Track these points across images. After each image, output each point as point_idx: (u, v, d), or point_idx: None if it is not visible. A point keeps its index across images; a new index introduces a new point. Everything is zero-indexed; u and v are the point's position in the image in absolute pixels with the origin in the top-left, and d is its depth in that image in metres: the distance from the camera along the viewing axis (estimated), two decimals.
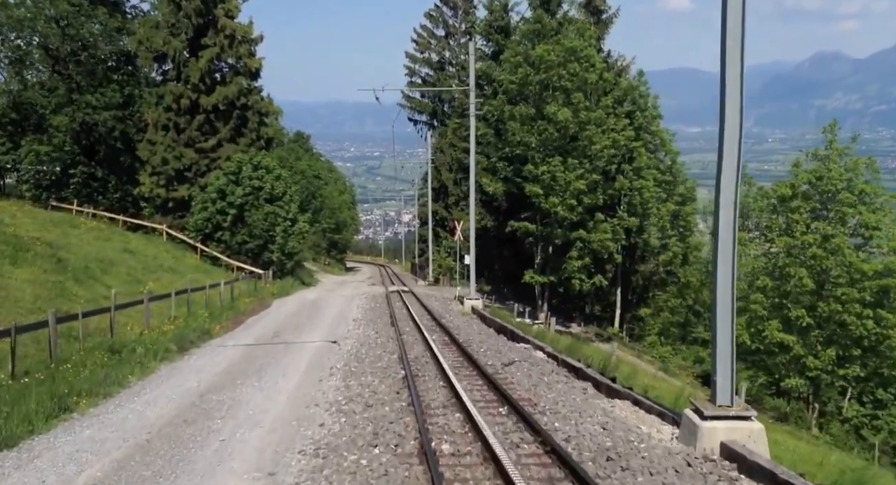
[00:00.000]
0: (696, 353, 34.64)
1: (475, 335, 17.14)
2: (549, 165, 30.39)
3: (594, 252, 31.75)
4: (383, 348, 14.89)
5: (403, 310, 23.70)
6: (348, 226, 76.43)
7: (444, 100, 47.29)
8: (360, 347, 15.30)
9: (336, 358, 14.01)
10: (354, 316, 21.81)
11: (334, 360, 13.79)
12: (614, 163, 32.76)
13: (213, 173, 37.98)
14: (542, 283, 32.47)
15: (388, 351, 14.39)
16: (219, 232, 37.54)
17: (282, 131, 70.76)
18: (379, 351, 14.48)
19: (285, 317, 22.30)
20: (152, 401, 10.98)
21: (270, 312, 24.42)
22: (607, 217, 32.52)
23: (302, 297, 30.54)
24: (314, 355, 14.65)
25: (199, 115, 38.83)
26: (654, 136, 37.82)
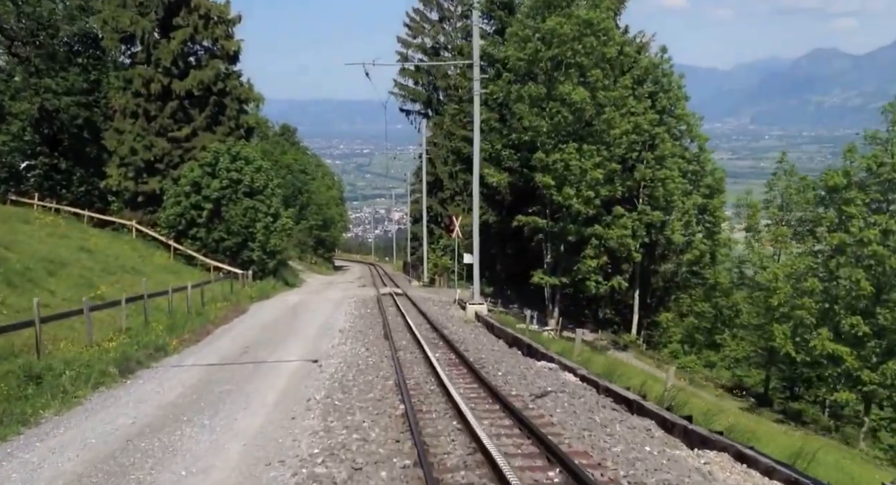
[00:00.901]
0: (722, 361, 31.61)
1: (486, 351, 14.17)
2: (563, 153, 27.23)
3: (610, 250, 28.65)
4: (376, 371, 11.88)
5: (398, 317, 20.69)
6: (336, 223, 73.19)
7: (439, 88, 44.19)
8: (347, 369, 12.28)
9: (316, 386, 10.99)
10: (341, 326, 18.78)
11: (313, 388, 10.77)
12: (635, 150, 29.76)
13: (188, 165, 34.89)
14: (553, 285, 29.35)
15: (381, 376, 11.38)
16: (193, 229, 34.48)
17: (266, 124, 67.56)
18: (370, 376, 11.47)
19: (261, 326, 19.22)
20: (59, 448, 7.96)
21: (245, 319, 21.33)
22: (627, 211, 29.44)
23: (283, 300, 27.45)
24: (288, 381, 11.62)
25: (171, 102, 35.60)
26: (678, 120, 34.43)
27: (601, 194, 27.49)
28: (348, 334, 16.90)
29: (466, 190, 41.97)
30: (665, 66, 34.12)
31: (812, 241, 27.41)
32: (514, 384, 10.36)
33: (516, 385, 10.23)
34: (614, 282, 29.36)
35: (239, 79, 37.68)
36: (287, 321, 20.38)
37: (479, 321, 21.00)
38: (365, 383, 10.81)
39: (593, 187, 27.16)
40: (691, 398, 8.88)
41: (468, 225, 36.95)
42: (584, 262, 28.27)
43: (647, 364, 26.38)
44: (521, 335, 16.14)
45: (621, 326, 33.93)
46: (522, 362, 12.83)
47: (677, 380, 26.51)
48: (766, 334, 27.13)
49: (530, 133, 28.31)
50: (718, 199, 34.90)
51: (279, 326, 19.11)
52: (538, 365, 12.80)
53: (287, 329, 18.54)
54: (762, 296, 27.66)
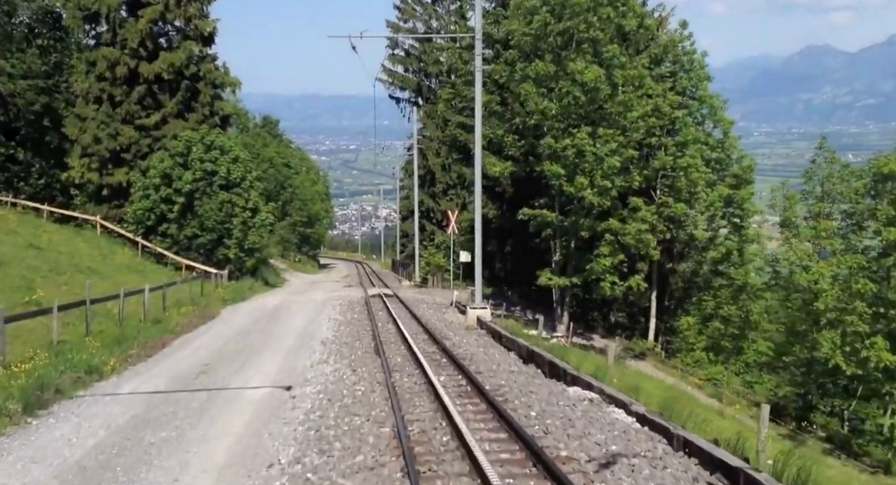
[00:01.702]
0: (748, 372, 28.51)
1: (504, 374, 11.43)
2: (575, 138, 24.42)
3: (624, 247, 25.81)
4: (366, 409, 9.10)
5: (389, 324, 17.91)
6: (322, 219, 70.05)
7: (430, 74, 41.31)
8: (329, 403, 9.49)
9: (285, 434, 8.18)
10: (324, 335, 15.95)
11: (280, 440, 7.96)
12: (655, 135, 27.02)
13: (157, 155, 31.94)
14: (562, 286, 26.40)
15: (374, 418, 8.59)
16: (164, 224, 31.59)
17: (246, 115, 64.40)
18: (359, 417, 8.69)
19: (230, 336, 16.35)
20: None
21: (214, 326, 18.45)
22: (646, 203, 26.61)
23: (261, 303, 24.56)
24: (249, 425, 8.81)
25: (138, 86, 32.53)
26: (701, 102, 31.44)
27: (616, 185, 24.65)
28: (331, 348, 14.08)
29: (461, 183, 39.24)
30: (686, 44, 31.21)
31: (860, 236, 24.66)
32: (558, 435, 7.56)
33: (561, 437, 7.45)
34: (632, 282, 26.52)
35: (214, 62, 34.65)
36: (262, 329, 17.53)
37: (482, 328, 18.28)
38: (352, 431, 8.00)
39: (609, 176, 24.35)
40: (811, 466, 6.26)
41: (465, 220, 34.25)
42: (597, 260, 25.35)
43: (671, 375, 23.75)
44: (536, 347, 13.43)
45: (635, 332, 31.14)
46: (552, 391, 10.09)
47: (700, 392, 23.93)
48: (809, 343, 24.44)
49: (536, 117, 25.38)
50: (746, 190, 31.45)
51: (251, 336, 16.26)
52: (572, 393, 10.08)
53: (260, 340, 15.70)
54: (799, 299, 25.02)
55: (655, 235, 26.71)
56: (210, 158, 31.75)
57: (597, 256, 25.19)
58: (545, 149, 25.21)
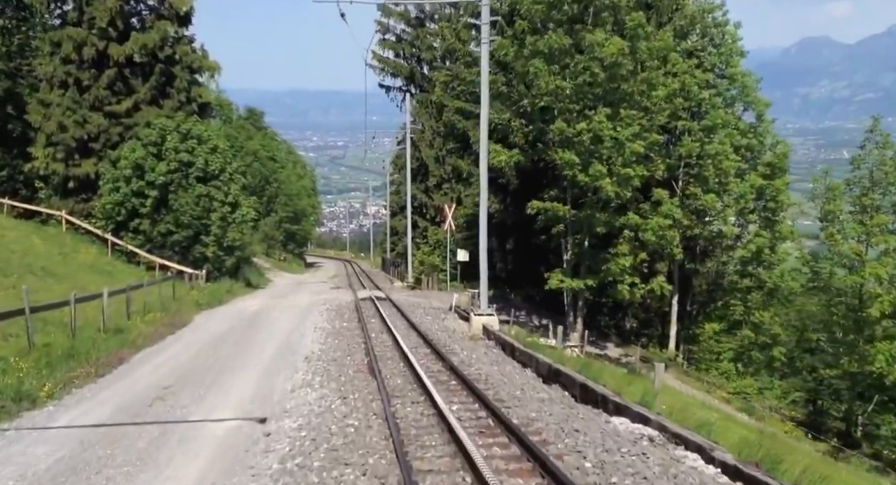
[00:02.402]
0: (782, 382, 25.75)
1: (530, 400, 9.30)
2: (591, 121, 22.01)
3: (644, 245, 23.42)
4: (362, 454, 6.94)
5: (384, 334, 15.75)
6: (309, 216, 67.58)
7: (423, 60, 39.04)
8: (312, 444, 7.32)
9: None
10: (308, 349, 13.74)
11: None
12: (682, 118, 24.72)
13: (128, 144, 29.54)
14: (575, 289, 23.78)
15: (371, 470, 6.44)
16: (135, 220, 29.31)
17: (230, 107, 61.81)
18: (352, 468, 6.52)
19: (199, 349, 14.11)
20: None
21: (184, 336, 16.18)
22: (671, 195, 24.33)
23: (239, 309, 22.28)
24: (201, 479, 6.63)
25: (108, 70, 30.06)
26: (731, 81, 28.57)
27: (638, 173, 22.31)
28: (317, 365, 11.89)
29: (456, 176, 37.05)
30: (717, 14, 28.04)
31: None
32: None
33: None
34: (655, 284, 24.22)
35: (191, 44, 32.23)
36: (237, 340, 15.29)
37: (489, 339, 16.18)
38: None
39: (630, 164, 21.91)
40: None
41: (463, 216, 32.03)
42: (614, 260, 22.83)
43: (696, 389, 21.62)
44: (562, 366, 11.34)
45: (652, 339, 28.85)
46: (600, 427, 7.98)
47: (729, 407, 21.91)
48: (859, 355, 22.33)
49: (546, 98, 22.79)
50: (781, 180, 28.35)
51: (224, 349, 14.03)
52: (622, 429, 7.99)
53: (235, 354, 13.47)
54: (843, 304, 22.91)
55: (679, 232, 24.45)
56: (186, 147, 29.50)
57: (614, 256, 22.81)
58: (556, 134, 22.73)
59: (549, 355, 13.33)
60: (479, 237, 17.14)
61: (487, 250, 24.97)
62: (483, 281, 17.27)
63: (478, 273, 31.15)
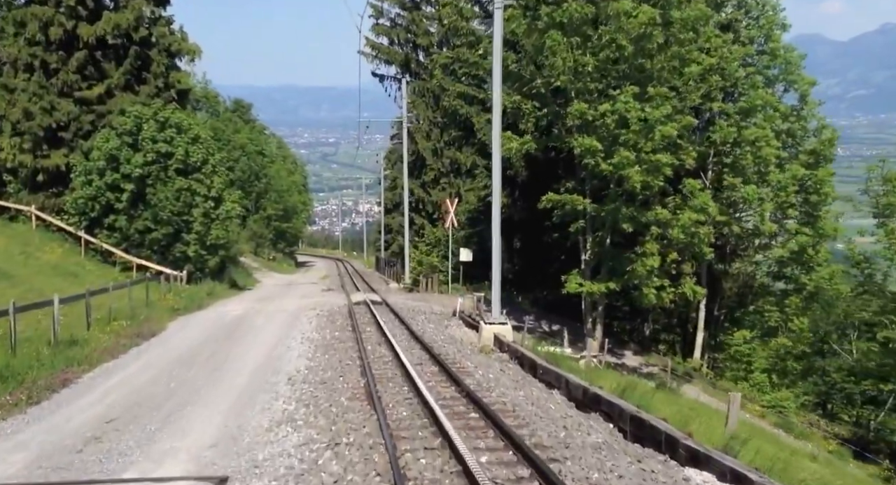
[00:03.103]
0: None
1: (582, 449, 7.13)
2: (617, 101, 19.58)
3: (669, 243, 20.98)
4: None
5: (382, 347, 13.60)
6: (300, 213, 65.15)
7: (419, 46, 36.78)
8: None
9: None
10: (293, 368, 11.57)
11: None
12: (715, 99, 22.42)
13: (102, 133, 27.30)
14: (595, 293, 21.12)
15: None
16: (110, 216, 27.03)
17: (216, 99, 59.37)
18: None
19: (161, 369, 11.91)
20: None
21: (147, 351, 13.97)
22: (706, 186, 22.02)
23: (219, 314, 20.07)
24: None
25: (77, 52, 27.74)
26: (772, 58, 25.77)
27: (668, 162, 19.65)
28: (302, 390, 9.73)
29: (455, 170, 34.91)
30: None
31: None
32: None
33: None
34: (686, 288, 21.91)
35: (169, 26, 29.88)
36: (211, 355, 13.10)
37: (503, 351, 14.07)
38: None
39: (660, 150, 19.35)
40: None
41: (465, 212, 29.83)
42: (640, 260, 20.21)
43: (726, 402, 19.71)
44: (600, 390, 9.25)
45: (673, 346, 26.60)
46: None
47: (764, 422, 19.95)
48: None
49: (564, 77, 20.22)
50: (825, 170, 25.58)
51: (194, 368, 11.84)
52: None
53: (204, 373, 11.28)
54: None
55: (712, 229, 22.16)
56: (165, 137, 27.31)
57: (640, 256, 20.28)
58: (575, 118, 20.25)
59: (577, 372, 11.27)
60: (492, 235, 15.00)
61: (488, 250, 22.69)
62: (496, 285, 15.16)
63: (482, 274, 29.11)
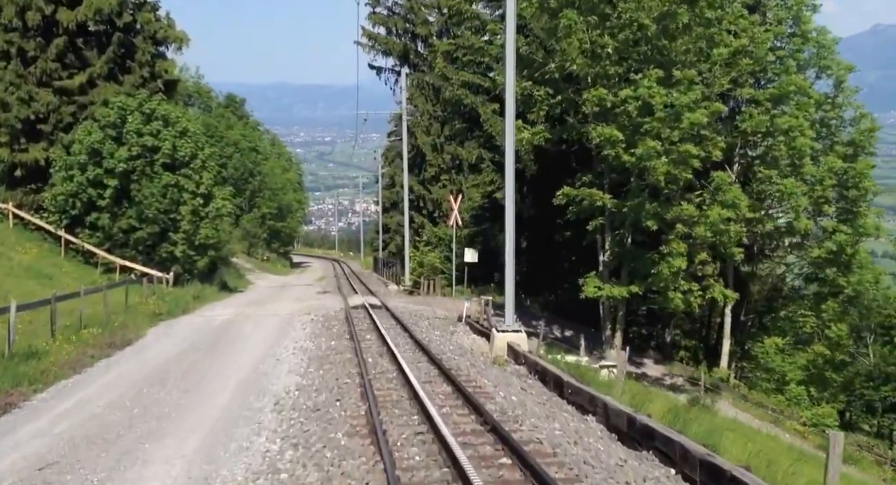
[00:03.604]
0: None
1: None
2: (640, 86, 17.85)
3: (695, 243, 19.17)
4: None
5: (384, 358, 12.02)
6: (295, 212, 63.45)
7: (418, 36, 35.12)
8: None
9: None
10: (281, 387, 9.94)
11: None
12: (746, 86, 20.65)
13: (83, 125, 25.71)
14: (617, 298, 19.28)
15: None
16: (93, 214, 25.49)
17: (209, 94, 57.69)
18: None
19: (126, 389, 10.26)
20: None
21: (118, 364, 12.33)
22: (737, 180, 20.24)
23: (205, 320, 18.45)
24: None
25: (57, 39, 26.09)
26: (803, 41, 23.64)
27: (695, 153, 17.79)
28: (291, 419, 8.12)
29: (455, 166, 33.33)
30: None
31: None
32: None
33: None
34: (716, 292, 20.12)
35: (155, 12, 28.24)
36: (188, 370, 11.49)
37: (519, 363, 12.51)
38: None
39: (687, 140, 17.58)
40: None
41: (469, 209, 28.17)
42: (665, 261, 18.30)
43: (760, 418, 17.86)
44: (648, 419, 7.70)
45: (696, 355, 24.82)
46: None
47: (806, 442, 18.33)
48: None
49: (580, 61, 18.43)
50: (864, 162, 23.49)
51: (166, 386, 10.22)
52: None
53: (176, 396, 9.66)
54: None
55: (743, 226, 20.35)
56: (151, 130, 25.78)
57: (665, 256, 18.36)
58: (592, 105, 18.60)
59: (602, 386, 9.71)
60: (505, 233, 13.44)
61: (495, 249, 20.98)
62: (509, 289, 13.58)
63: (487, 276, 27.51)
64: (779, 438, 16.55)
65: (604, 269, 19.77)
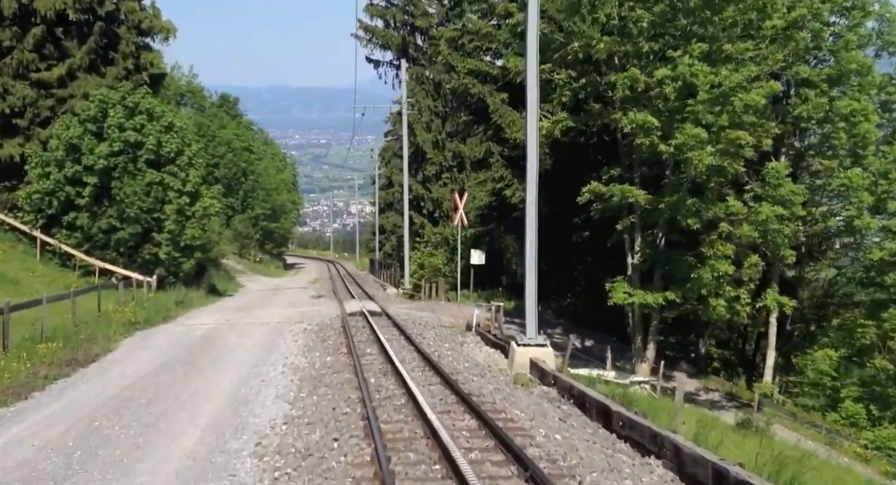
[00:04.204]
0: None
1: None
2: (679, 64, 15.60)
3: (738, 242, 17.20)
4: None
5: (389, 379, 10.30)
6: (289, 212, 61.72)
7: (417, 29, 33.40)
8: None
9: None
10: (267, 419, 8.21)
11: None
12: (801, 64, 18.65)
13: (62, 120, 24.07)
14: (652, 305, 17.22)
15: None
16: (71, 213, 23.92)
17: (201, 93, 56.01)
18: None
19: (77, 420, 8.51)
20: None
21: (72, 387, 10.58)
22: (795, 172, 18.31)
23: (187, 329, 16.71)
24: None
25: (34, 28, 24.49)
26: (865, 14, 20.71)
27: (748, 140, 15.47)
28: (276, 476, 6.39)
29: (457, 164, 31.65)
30: None
31: None
32: None
33: None
34: (769, 300, 18.07)
35: (139, 0, 26.51)
36: (154, 395, 9.74)
37: (545, 382, 10.80)
38: None
39: (739, 125, 15.30)
40: None
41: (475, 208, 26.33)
42: (708, 265, 16.14)
43: (813, 439, 15.96)
44: (745, 472, 6.01)
45: (733, 367, 22.99)
46: None
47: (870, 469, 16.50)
48: None
49: (607, 39, 16.34)
50: None
51: (122, 418, 8.48)
52: None
53: (133, 431, 7.91)
54: None
55: (806, 226, 18.48)
56: (134, 124, 24.24)
57: (707, 259, 16.21)
58: (623, 88, 16.33)
59: (670, 423, 8.00)
60: (526, 230, 11.63)
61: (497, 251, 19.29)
62: (530, 295, 11.83)
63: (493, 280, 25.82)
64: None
65: (633, 272, 17.86)
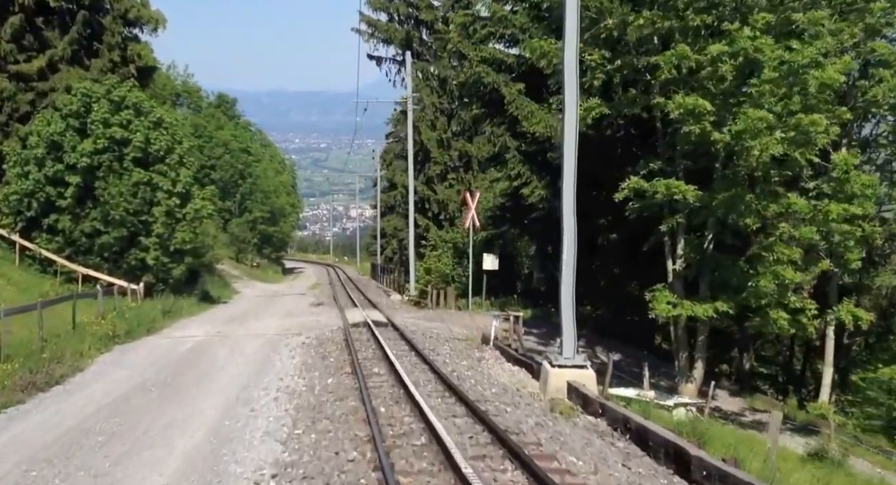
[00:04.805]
0: None
1: None
2: (738, 38, 13.40)
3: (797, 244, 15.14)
4: None
5: (402, 408, 8.61)
6: (287, 215, 60.12)
7: (422, 23, 31.86)
8: None
9: None
10: (253, 465, 6.51)
11: None
12: (883, 36, 16.76)
13: (42, 115, 22.57)
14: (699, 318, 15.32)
15: None
16: (51, 216, 22.44)
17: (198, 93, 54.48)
18: None
19: (14, 464, 6.80)
20: None
21: (30, 414, 8.92)
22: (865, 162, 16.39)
23: (173, 342, 15.02)
24: None
25: (12, 17, 23.01)
26: None
27: (821, 126, 13.08)
28: None
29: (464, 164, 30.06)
30: None
31: None
32: None
33: None
34: (842, 312, 15.83)
35: None
36: (114, 433, 8.03)
37: (591, 412, 9.09)
38: None
39: (813, 107, 13.15)
40: None
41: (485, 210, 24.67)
42: (769, 271, 13.83)
43: (881, 466, 14.48)
44: None
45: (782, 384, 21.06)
46: None
47: None
48: None
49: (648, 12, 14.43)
50: None
51: (68, 466, 6.77)
52: None
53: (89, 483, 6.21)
54: None
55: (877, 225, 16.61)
56: (120, 120, 22.77)
57: (769, 265, 13.91)
58: (669, 68, 14.28)
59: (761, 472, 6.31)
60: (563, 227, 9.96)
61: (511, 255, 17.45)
62: (566, 309, 10.14)
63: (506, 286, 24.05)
64: None
65: (674, 280, 15.90)
